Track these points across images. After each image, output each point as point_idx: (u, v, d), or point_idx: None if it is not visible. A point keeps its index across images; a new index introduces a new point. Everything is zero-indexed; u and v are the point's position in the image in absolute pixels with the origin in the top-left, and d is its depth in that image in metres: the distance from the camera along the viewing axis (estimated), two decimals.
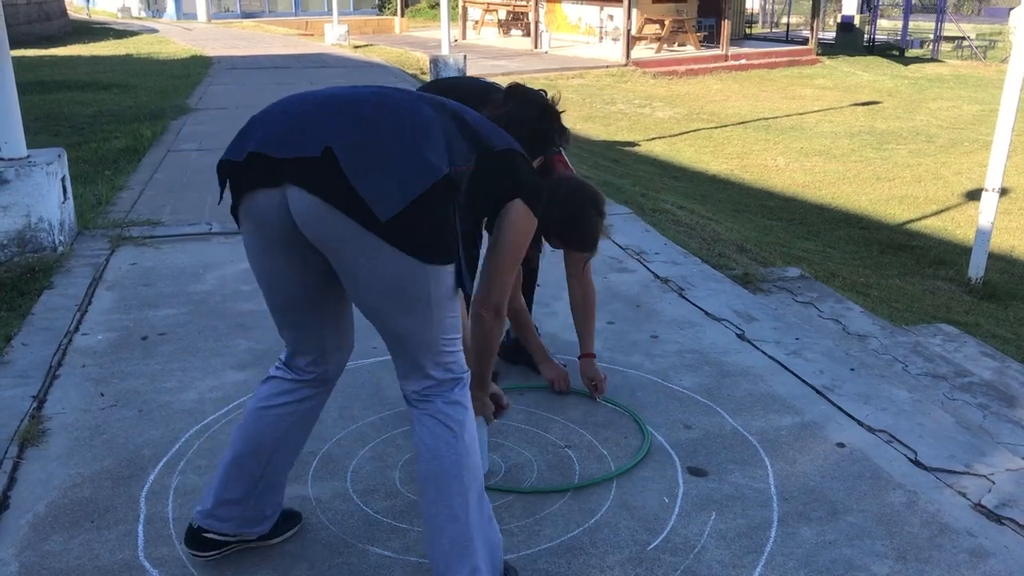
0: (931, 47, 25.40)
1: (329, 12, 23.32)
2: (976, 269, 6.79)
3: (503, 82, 2.94)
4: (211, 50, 18.20)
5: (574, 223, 2.86)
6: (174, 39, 21.21)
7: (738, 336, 3.82)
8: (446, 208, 1.94)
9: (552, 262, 4.73)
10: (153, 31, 23.94)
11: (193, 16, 28.50)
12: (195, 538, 2.27)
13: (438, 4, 25.02)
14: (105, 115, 10.02)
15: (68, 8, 24.83)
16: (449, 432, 2.01)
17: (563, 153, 3.08)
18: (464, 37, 24.12)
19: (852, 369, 3.54)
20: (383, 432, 2.99)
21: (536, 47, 21.69)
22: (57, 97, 11.30)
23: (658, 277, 4.59)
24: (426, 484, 2.02)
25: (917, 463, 2.83)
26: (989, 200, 6.57)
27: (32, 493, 2.63)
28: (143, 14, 30.25)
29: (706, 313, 4.08)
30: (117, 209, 5.75)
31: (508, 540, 2.41)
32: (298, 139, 1.91)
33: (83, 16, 28.37)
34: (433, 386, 2.04)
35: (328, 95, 2.02)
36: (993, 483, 2.71)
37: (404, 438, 2.95)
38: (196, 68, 15.10)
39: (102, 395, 3.23)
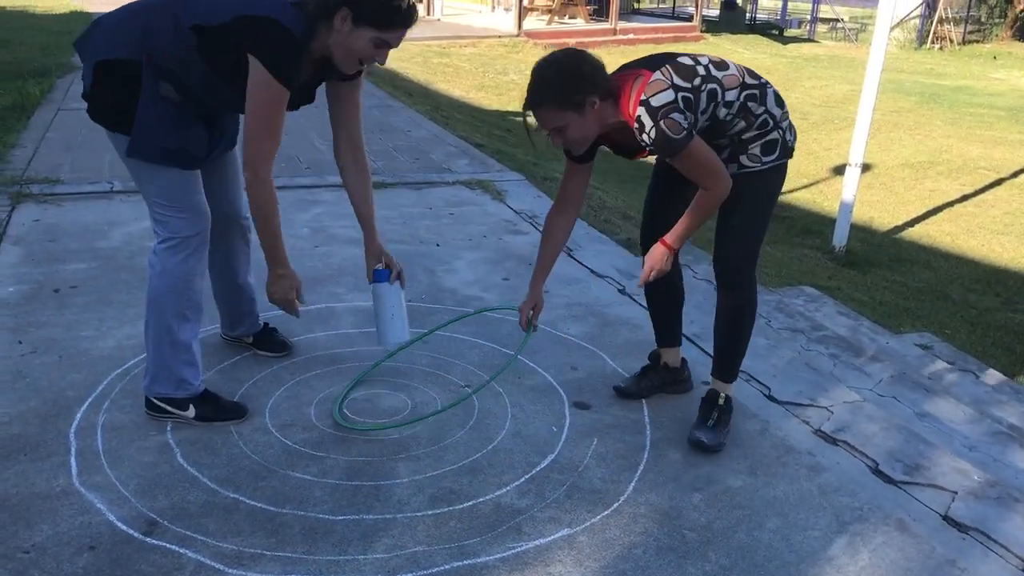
0: (808, 28, 26.55)
1: None
2: (839, 238, 7.38)
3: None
4: (92, 6, 17.61)
5: None
6: None
7: (619, 291, 4.20)
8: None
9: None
10: None
11: None
12: None
13: None
14: None
15: None
16: (150, 269, 2.82)
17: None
18: None
19: None
20: (297, 375, 3.24)
21: (429, 14, 21.75)
22: None
23: None
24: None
25: (770, 398, 3.26)
26: (852, 175, 7.16)
27: None
28: None
29: (592, 271, 4.45)
30: (12, 167, 5.74)
31: (416, 464, 2.72)
32: None
33: None
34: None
35: None
36: (832, 413, 3.16)
37: (317, 379, 3.21)
38: (77, 24, 14.62)
39: (20, 343, 3.37)
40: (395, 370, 3.31)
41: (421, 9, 22.16)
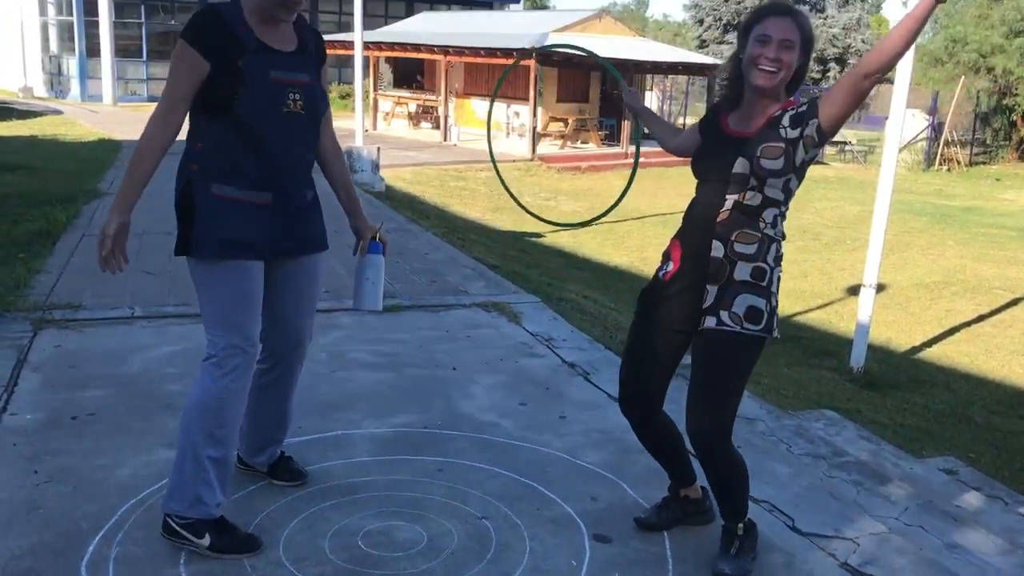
0: None
1: None
2: (857, 360, 7.33)
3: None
4: (120, 134, 18.21)
5: None
6: (80, 121, 21.14)
7: None
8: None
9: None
10: (58, 112, 23.81)
11: (99, 98, 28.38)
12: None
13: (348, 95, 25.56)
14: (13, 197, 10.01)
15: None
16: (193, 382, 2.90)
17: None
18: (375, 128, 24.69)
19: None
20: (312, 504, 3.20)
21: (445, 140, 22.38)
22: None
23: (565, 362, 4.93)
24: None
25: (794, 529, 3.19)
26: (867, 296, 7.17)
27: None
28: (46, 94, 29.98)
29: (609, 396, 4.42)
30: (36, 292, 5.83)
31: None
32: None
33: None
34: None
35: None
36: (858, 545, 3.08)
37: (333, 510, 3.16)
38: (105, 152, 15.12)
39: (35, 472, 3.35)
40: (410, 501, 3.27)
41: (438, 136, 22.84)
